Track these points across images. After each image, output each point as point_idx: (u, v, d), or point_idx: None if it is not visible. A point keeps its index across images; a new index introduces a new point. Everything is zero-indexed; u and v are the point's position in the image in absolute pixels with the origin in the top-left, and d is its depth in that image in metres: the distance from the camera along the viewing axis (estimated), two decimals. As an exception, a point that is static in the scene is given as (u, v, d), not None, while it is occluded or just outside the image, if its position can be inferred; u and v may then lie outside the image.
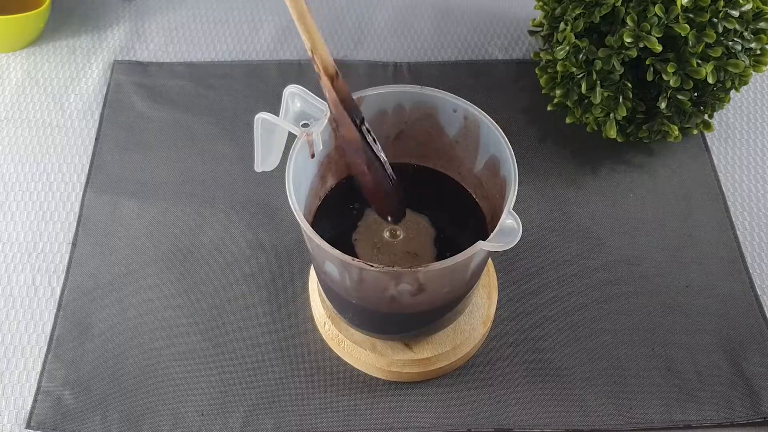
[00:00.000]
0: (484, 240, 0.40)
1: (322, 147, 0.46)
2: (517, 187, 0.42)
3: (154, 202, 0.63)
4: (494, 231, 0.40)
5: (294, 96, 0.43)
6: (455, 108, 0.47)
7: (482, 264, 0.47)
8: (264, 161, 0.44)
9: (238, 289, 0.58)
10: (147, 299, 0.58)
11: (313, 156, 0.46)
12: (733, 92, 0.63)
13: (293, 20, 0.41)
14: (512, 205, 0.41)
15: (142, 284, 0.58)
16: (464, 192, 0.51)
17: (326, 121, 0.44)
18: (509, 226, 0.40)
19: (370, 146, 0.45)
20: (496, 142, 0.45)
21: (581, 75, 0.60)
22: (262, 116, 0.43)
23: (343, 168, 0.50)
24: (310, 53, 0.42)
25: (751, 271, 0.60)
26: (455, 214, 0.51)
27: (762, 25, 0.58)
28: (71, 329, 0.56)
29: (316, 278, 0.55)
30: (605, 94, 0.59)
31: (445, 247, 0.48)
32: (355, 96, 0.45)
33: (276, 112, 0.43)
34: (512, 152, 0.44)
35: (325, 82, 0.43)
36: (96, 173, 0.64)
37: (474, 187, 0.50)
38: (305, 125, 0.43)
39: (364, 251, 0.48)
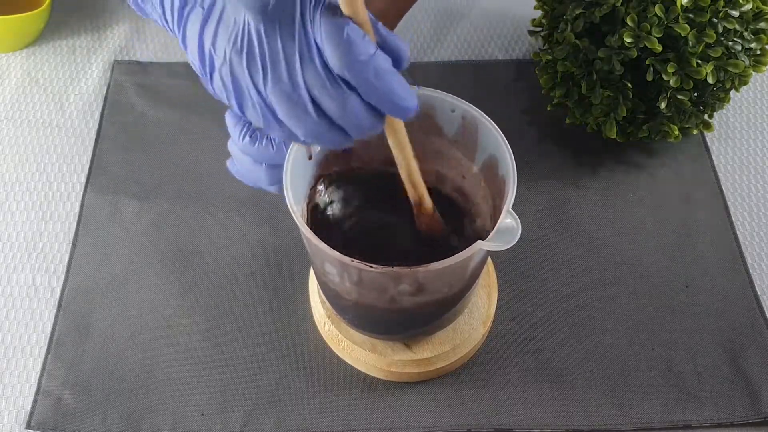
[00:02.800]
0: (483, 240, 0.40)
1: (319, 148, 0.46)
2: (516, 187, 0.42)
3: (154, 202, 0.63)
4: (493, 230, 0.40)
5: None
6: (453, 108, 0.47)
7: (481, 264, 0.47)
8: None
9: (238, 289, 0.58)
10: (147, 299, 0.58)
11: (310, 158, 0.46)
12: (733, 92, 0.63)
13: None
14: (511, 204, 0.41)
15: (142, 284, 0.58)
16: (463, 192, 0.51)
17: None
18: (508, 226, 0.40)
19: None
20: (495, 141, 0.45)
21: (581, 75, 0.60)
22: None
23: (341, 168, 0.50)
24: (415, 208, 0.45)
25: (751, 271, 0.60)
26: (456, 214, 0.51)
27: (762, 25, 0.58)
28: (71, 329, 0.56)
29: (316, 278, 0.55)
30: (605, 94, 0.59)
31: (445, 247, 0.48)
32: None
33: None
34: (511, 152, 0.44)
35: (424, 221, 0.46)
36: (96, 173, 0.64)
37: (473, 186, 0.50)
38: None
39: (363, 252, 0.47)
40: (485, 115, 0.45)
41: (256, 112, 0.36)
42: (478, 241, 0.40)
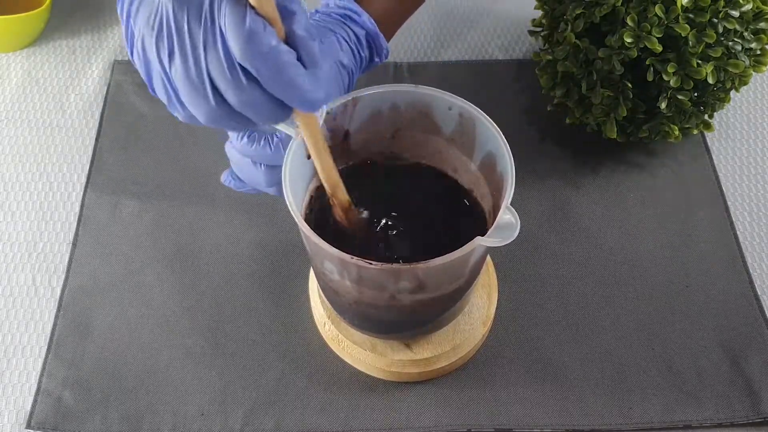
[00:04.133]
0: (482, 236, 0.40)
1: None
2: (514, 183, 0.42)
3: (154, 202, 0.63)
4: (492, 226, 0.40)
5: None
6: (450, 106, 0.47)
7: (481, 260, 0.47)
8: None
9: (238, 289, 0.58)
10: (147, 299, 0.58)
11: (309, 157, 0.46)
12: (733, 92, 0.63)
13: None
14: (510, 200, 0.41)
15: (142, 284, 0.58)
16: (462, 189, 0.51)
17: (322, 121, 0.44)
18: (507, 222, 0.40)
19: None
20: (492, 138, 0.45)
21: (581, 75, 0.60)
22: None
23: (340, 167, 0.50)
24: (330, 199, 0.46)
25: (751, 271, 0.60)
26: (453, 211, 0.51)
27: (762, 25, 0.58)
28: (71, 329, 0.56)
29: (316, 278, 0.55)
30: (605, 94, 0.59)
31: (444, 243, 0.48)
32: (349, 97, 0.46)
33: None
34: (508, 148, 0.44)
35: (338, 212, 0.47)
36: (96, 173, 0.64)
37: (471, 184, 0.50)
38: None
39: (362, 249, 0.47)
40: (482, 113, 0.45)
41: (162, 90, 0.37)
42: (477, 237, 0.40)
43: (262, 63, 0.34)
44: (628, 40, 0.56)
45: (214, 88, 0.35)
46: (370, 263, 0.40)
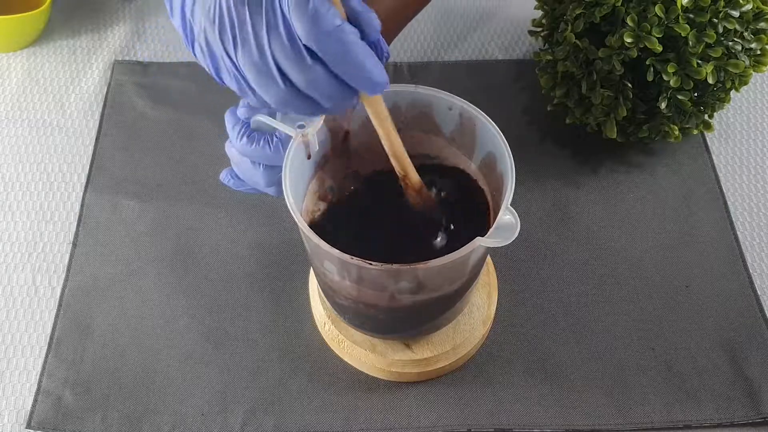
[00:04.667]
0: (482, 236, 0.40)
1: (318, 148, 0.46)
2: (514, 183, 0.42)
3: (154, 202, 0.63)
4: (493, 227, 0.40)
5: None
6: (450, 106, 0.47)
7: (481, 261, 0.47)
8: None
9: (238, 289, 0.58)
10: (147, 299, 0.58)
11: (309, 157, 0.46)
12: (733, 92, 0.63)
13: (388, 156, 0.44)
14: (510, 200, 0.41)
15: (142, 284, 0.58)
16: (463, 189, 0.51)
17: (321, 122, 0.44)
18: (507, 222, 0.40)
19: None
20: (493, 138, 0.45)
21: (581, 75, 0.60)
22: (257, 118, 0.43)
23: (340, 168, 0.50)
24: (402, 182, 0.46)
25: (751, 271, 0.60)
26: (454, 211, 0.51)
27: (762, 25, 0.58)
28: (71, 329, 0.56)
29: (316, 278, 0.55)
30: (605, 94, 0.59)
31: (444, 244, 0.48)
32: None
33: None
34: (509, 148, 0.44)
35: (411, 194, 0.47)
36: (96, 173, 0.64)
37: (472, 183, 0.50)
38: (301, 126, 0.43)
39: (362, 250, 0.47)
40: (482, 113, 0.46)
41: (231, 78, 0.37)
42: (478, 238, 0.40)
43: (327, 43, 0.34)
44: (628, 40, 0.56)
45: (281, 71, 0.35)
46: (371, 263, 0.40)
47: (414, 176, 0.46)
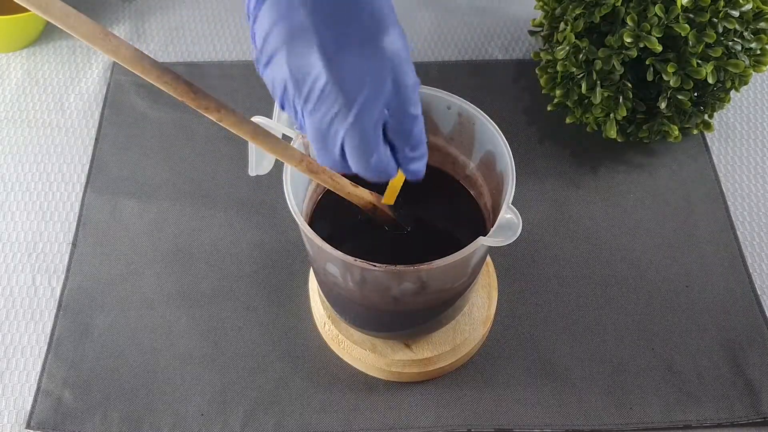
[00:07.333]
0: (484, 236, 0.40)
1: None
2: (515, 181, 0.42)
3: (154, 202, 0.63)
4: (494, 226, 0.40)
5: None
6: (449, 105, 0.47)
7: (482, 260, 0.47)
8: (258, 165, 0.44)
9: (238, 289, 0.58)
10: (147, 299, 0.58)
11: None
12: (733, 92, 0.63)
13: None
14: (511, 199, 0.41)
15: (142, 284, 0.58)
16: (462, 189, 0.51)
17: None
18: (509, 221, 0.40)
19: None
20: (492, 137, 0.45)
21: (581, 75, 0.60)
22: (256, 119, 0.43)
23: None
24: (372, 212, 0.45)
25: (751, 271, 0.60)
26: (454, 210, 0.51)
27: (762, 25, 0.58)
28: (71, 329, 0.56)
29: (316, 279, 0.55)
30: (605, 94, 0.59)
31: (446, 244, 0.48)
32: None
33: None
34: (508, 146, 0.44)
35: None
36: (96, 173, 0.64)
37: (471, 183, 0.50)
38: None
39: (364, 251, 0.47)
40: (481, 112, 0.45)
41: (294, 118, 0.36)
42: (480, 237, 0.40)
43: (374, 174, 0.36)
44: (628, 40, 0.56)
45: (342, 148, 0.35)
46: (374, 265, 0.40)
47: (378, 199, 0.45)
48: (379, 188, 0.45)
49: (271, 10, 0.33)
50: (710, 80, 0.57)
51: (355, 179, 0.39)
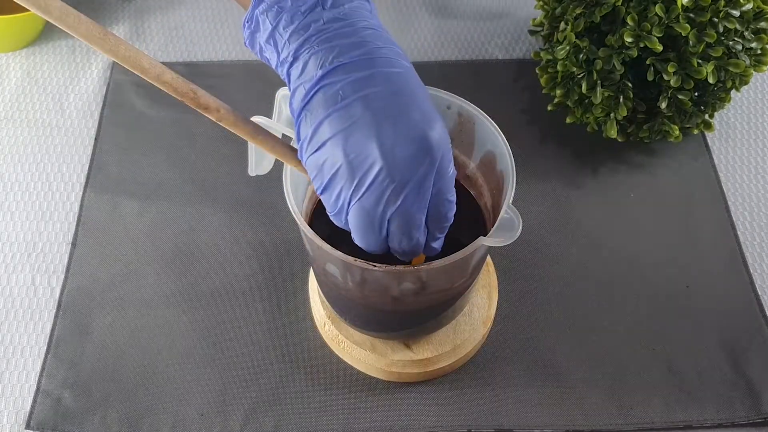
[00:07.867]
0: (484, 236, 0.40)
1: None
2: (515, 181, 0.42)
3: (154, 202, 0.63)
4: (494, 226, 0.40)
5: (287, 99, 0.43)
6: (449, 105, 0.47)
7: (482, 260, 0.47)
8: (257, 165, 0.44)
9: (238, 289, 0.58)
10: (147, 299, 0.58)
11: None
12: (733, 92, 0.63)
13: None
14: (511, 199, 0.41)
15: (141, 284, 0.58)
16: (462, 189, 0.51)
17: None
18: (509, 221, 0.40)
19: None
20: (492, 137, 0.45)
21: (581, 75, 0.60)
22: (256, 119, 0.43)
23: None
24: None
25: (751, 271, 0.60)
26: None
27: (762, 24, 0.58)
28: (71, 329, 0.56)
29: (316, 279, 0.55)
30: (606, 94, 0.59)
31: (446, 244, 0.48)
32: None
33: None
34: (508, 146, 0.44)
35: None
36: (96, 173, 0.64)
37: (471, 183, 0.50)
38: None
39: (365, 251, 0.47)
40: (482, 111, 0.45)
41: (332, 204, 0.39)
42: (480, 237, 0.40)
43: (409, 252, 0.39)
44: (629, 39, 0.56)
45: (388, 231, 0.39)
46: (374, 265, 0.40)
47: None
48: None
49: (326, 101, 0.36)
50: (711, 80, 0.57)
51: (381, 259, 0.41)
